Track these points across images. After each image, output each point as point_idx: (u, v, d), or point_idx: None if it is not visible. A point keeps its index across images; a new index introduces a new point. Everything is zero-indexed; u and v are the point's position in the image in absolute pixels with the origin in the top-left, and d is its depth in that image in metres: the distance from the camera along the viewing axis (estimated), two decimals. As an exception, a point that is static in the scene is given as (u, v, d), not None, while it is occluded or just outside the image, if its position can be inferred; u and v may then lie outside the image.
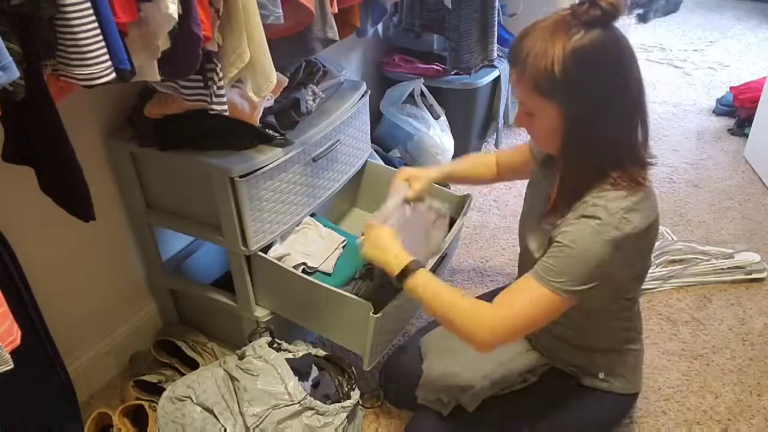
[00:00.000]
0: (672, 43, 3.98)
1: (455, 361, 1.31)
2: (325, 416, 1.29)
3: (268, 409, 1.26)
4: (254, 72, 1.10)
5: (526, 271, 1.12)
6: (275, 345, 1.40)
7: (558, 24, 0.98)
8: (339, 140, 1.55)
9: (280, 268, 1.42)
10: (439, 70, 2.41)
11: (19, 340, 0.84)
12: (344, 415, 1.31)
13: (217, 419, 1.26)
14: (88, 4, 0.82)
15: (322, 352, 1.46)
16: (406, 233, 1.29)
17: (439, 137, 2.35)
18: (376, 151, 2.22)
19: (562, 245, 1.04)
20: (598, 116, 1.01)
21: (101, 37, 0.84)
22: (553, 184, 1.16)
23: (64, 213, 1.06)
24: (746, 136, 2.69)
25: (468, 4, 2.19)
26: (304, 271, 1.46)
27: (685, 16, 4.51)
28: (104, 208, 1.48)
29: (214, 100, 1.11)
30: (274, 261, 1.42)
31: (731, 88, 3.01)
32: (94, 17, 0.83)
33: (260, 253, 1.42)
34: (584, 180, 1.06)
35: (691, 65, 3.64)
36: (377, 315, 1.30)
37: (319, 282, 1.39)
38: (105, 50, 0.85)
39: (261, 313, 1.52)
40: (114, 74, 0.88)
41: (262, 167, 1.33)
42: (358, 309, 1.33)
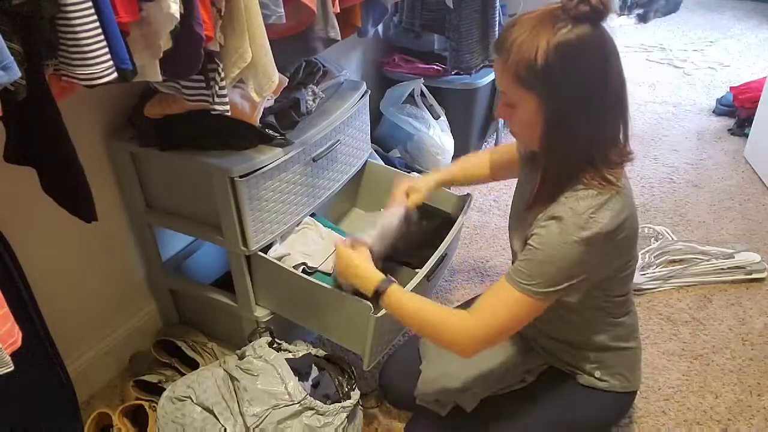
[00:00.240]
0: (672, 43, 3.98)
1: (453, 362, 1.31)
2: (325, 416, 1.29)
3: (268, 409, 1.26)
4: (256, 72, 1.10)
5: None
6: (275, 345, 1.40)
7: (546, 16, 0.98)
8: (339, 140, 1.55)
9: (280, 268, 1.42)
10: (439, 70, 2.41)
11: (20, 342, 0.84)
12: (344, 415, 1.31)
13: (217, 419, 1.26)
14: (90, 3, 0.81)
15: (322, 352, 1.46)
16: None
17: (439, 137, 2.35)
18: (376, 151, 2.21)
19: (532, 248, 1.06)
20: (576, 112, 1.01)
21: (103, 36, 0.84)
22: (536, 183, 1.16)
23: (64, 213, 1.05)
24: (746, 136, 2.69)
25: (468, 4, 2.19)
26: (304, 271, 1.46)
27: (685, 16, 4.51)
28: (104, 208, 1.47)
29: (216, 100, 1.11)
30: (274, 261, 1.42)
31: (731, 88, 3.01)
32: (95, 17, 0.82)
33: (260, 253, 1.42)
34: (564, 177, 1.07)
35: (691, 65, 3.65)
36: (377, 315, 1.30)
37: (319, 282, 1.39)
38: (106, 50, 0.85)
39: (261, 313, 1.52)
40: (115, 74, 0.88)
41: (262, 167, 1.33)
42: (358, 309, 1.33)
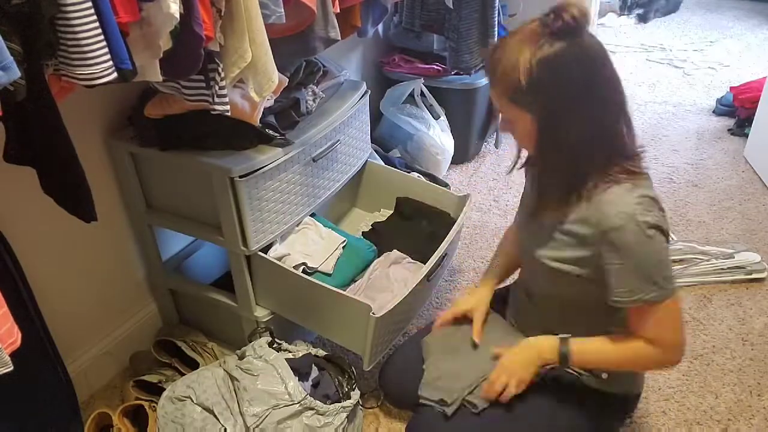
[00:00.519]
0: (672, 43, 3.98)
1: (457, 361, 1.31)
2: (325, 416, 1.29)
3: (268, 409, 1.26)
4: (256, 72, 1.10)
5: (534, 277, 1.18)
6: (275, 345, 1.40)
7: (526, 35, 1.02)
8: (339, 140, 1.55)
9: (280, 268, 1.42)
10: (439, 70, 2.41)
11: (19, 342, 0.84)
12: (344, 415, 1.31)
13: (217, 419, 1.26)
14: (89, 3, 0.81)
15: (322, 352, 1.45)
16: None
17: (439, 137, 2.35)
18: (376, 151, 2.21)
19: (620, 265, 1.06)
20: (567, 120, 1.04)
21: (102, 36, 0.84)
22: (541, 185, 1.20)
23: (64, 213, 1.05)
24: (746, 136, 2.69)
25: (468, 4, 2.19)
26: (304, 272, 1.46)
27: (685, 16, 4.51)
28: (104, 208, 1.47)
29: (216, 100, 1.11)
30: (275, 261, 1.42)
31: (731, 88, 3.01)
32: (95, 17, 0.82)
33: (260, 253, 1.42)
34: (566, 178, 1.10)
35: (691, 65, 3.64)
36: (377, 315, 1.30)
37: (319, 282, 1.39)
38: (106, 50, 0.85)
39: (261, 313, 1.52)
40: (115, 74, 0.88)
41: (262, 167, 1.33)
42: (358, 309, 1.33)
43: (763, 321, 1.82)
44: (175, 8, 0.89)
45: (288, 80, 1.36)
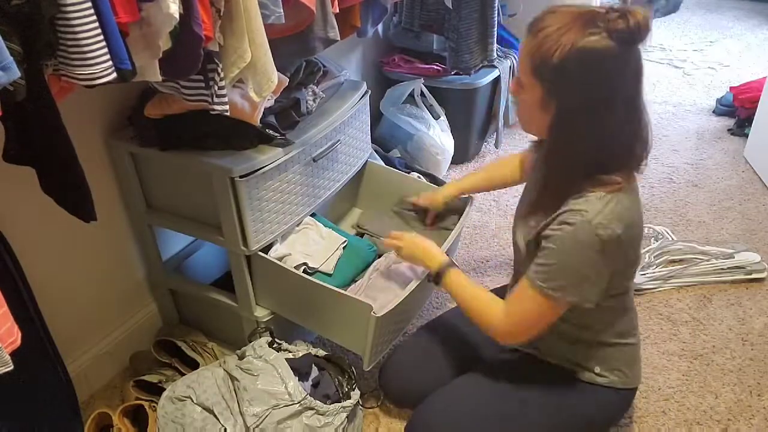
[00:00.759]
0: (672, 43, 3.98)
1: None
2: (325, 416, 1.29)
3: (268, 409, 1.26)
4: (255, 72, 1.10)
5: (519, 266, 1.21)
6: (275, 345, 1.40)
7: (584, 16, 0.98)
8: (339, 140, 1.55)
9: (280, 268, 1.41)
10: (439, 70, 2.41)
11: (19, 341, 0.84)
12: (344, 415, 1.31)
13: (217, 419, 1.26)
14: (89, 3, 0.81)
15: (322, 352, 1.45)
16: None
17: (439, 137, 2.35)
18: (376, 151, 2.21)
19: (547, 252, 1.09)
20: (581, 118, 1.03)
21: (102, 36, 0.84)
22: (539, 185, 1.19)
23: (64, 213, 1.05)
24: (746, 136, 2.69)
25: (468, 4, 2.19)
26: (305, 272, 1.46)
27: (685, 16, 4.51)
28: (104, 208, 1.47)
29: (216, 100, 1.11)
30: (275, 261, 1.42)
31: (731, 88, 3.01)
32: (95, 17, 0.82)
33: (261, 253, 1.42)
34: (566, 181, 1.09)
35: (691, 65, 3.64)
36: (378, 315, 1.30)
37: (320, 282, 1.39)
38: (106, 50, 0.85)
39: (261, 313, 1.52)
40: (115, 74, 0.88)
41: (263, 167, 1.33)
42: (359, 309, 1.33)
43: (763, 321, 1.82)
44: (174, 8, 0.89)
45: (288, 80, 1.36)
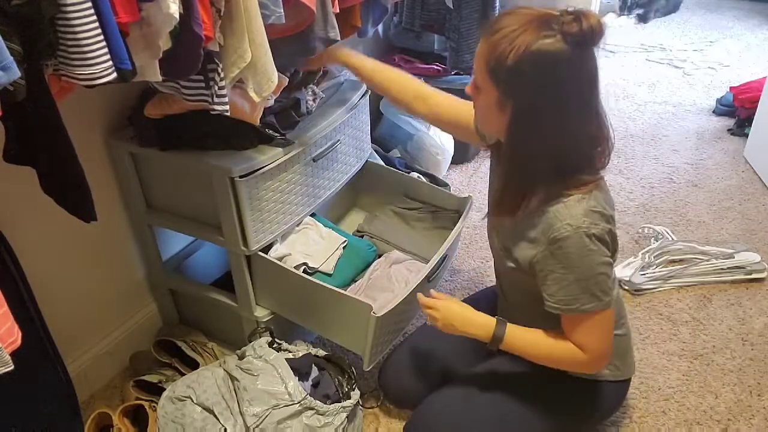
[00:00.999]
0: (672, 43, 3.98)
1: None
2: (325, 416, 1.29)
3: (268, 409, 1.26)
4: (255, 72, 1.10)
5: (498, 267, 1.27)
6: (275, 345, 1.40)
7: (540, 18, 0.98)
8: (339, 140, 1.55)
9: (280, 268, 1.42)
10: (439, 70, 2.41)
11: (19, 341, 0.84)
12: (344, 415, 1.31)
13: (217, 419, 1.26)
14: (89, 3, 0.81)
15: (322, 352, 1.46)
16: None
17: (438, 137, 2.35)
18: (376, 151, 2.21)
19: (559, 275, 1.09)
20: (537, 121, 1.03)
21: (102, 36, 0.84)
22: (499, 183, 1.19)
23: (64, 213, 1.05)
24: (746, 136, 2.69)
25: (468, 4, 2.19)
26: (305, 272, 1.46)
27: (685, 16, 4.50)
28: (104, 208, 1.47)
29: (216, 100, 1.11)
30: (275, 261, 1.42)
31: (731, 88, 3.01)
32: (95, 17, 0.82)
33: (261, 253, 1.42)
34: (524, 182, 1.09)
35: (691, 65, 3.64)
36: (378, 315, 1.30)
37: (320, 282, 1.39)
38: (106, 50, 0.85)
39: (261, 313, 1.52)
40: (115, 74, 0.87)
41: (263, 167, 1.33)
42: (359, 309, 1.33)
43: (763, 321, 1.82)
44: (174, 8, 0.89)
45: (288, 80, 1.36)
